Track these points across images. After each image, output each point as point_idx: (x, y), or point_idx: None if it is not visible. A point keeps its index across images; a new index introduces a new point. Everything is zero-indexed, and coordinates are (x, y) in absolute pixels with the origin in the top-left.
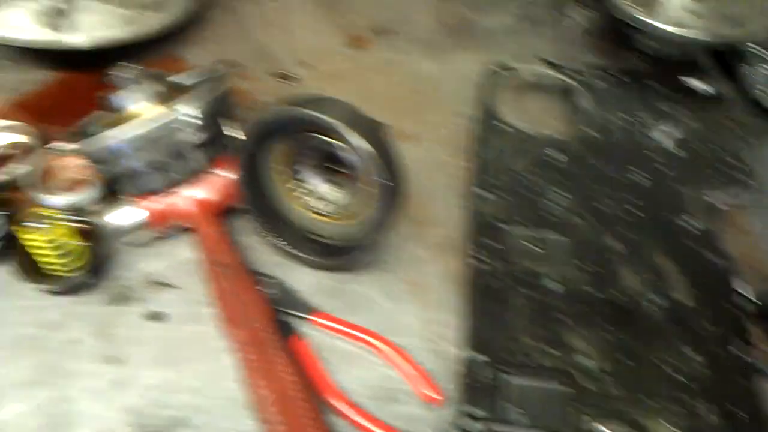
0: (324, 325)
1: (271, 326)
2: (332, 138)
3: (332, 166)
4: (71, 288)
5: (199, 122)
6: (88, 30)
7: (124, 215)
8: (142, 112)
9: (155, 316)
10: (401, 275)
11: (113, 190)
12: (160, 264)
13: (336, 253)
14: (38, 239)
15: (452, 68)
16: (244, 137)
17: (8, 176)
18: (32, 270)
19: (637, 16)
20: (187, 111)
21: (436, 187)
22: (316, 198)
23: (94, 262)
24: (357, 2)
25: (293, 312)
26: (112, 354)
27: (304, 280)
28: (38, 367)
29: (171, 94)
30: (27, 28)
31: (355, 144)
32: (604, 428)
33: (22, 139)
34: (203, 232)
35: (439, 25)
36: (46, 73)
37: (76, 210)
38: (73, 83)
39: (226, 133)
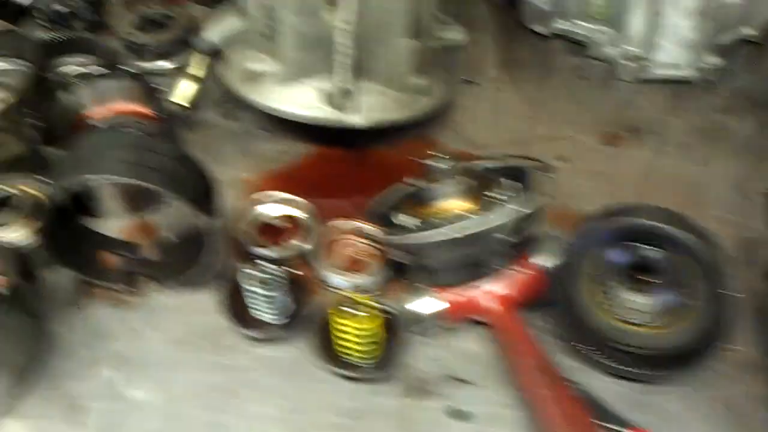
0: None
1: None
2: (655, 246)
3: (639, 274)
4: (368, 377)
5: (514, 224)
6: (368, 111)
7: (424, 305)
8: (453, 208)
9: (458, 415)
10: (707, 392)
11: (399, 275)
12: (452, 357)
13: (645, 363)
14: (350, 325)
15: (711, 173)
16: (568, 242)
17: (290, 251)
18: (328, 353)
19: None
20: (504, 215)
21: None
22: (625, 306)
23: (391, 352)
24: (608, 99)
25: (608, 424)
26: None
27: (600, 387)
28: None
29: (481, 186)
30: (313, 106)
31: (700, 253)
32: None
33: (294, 212)
34: (508, 330)
35: (692, 128)
36: (299, 145)
37: (359, 292)
38: (330, 158)
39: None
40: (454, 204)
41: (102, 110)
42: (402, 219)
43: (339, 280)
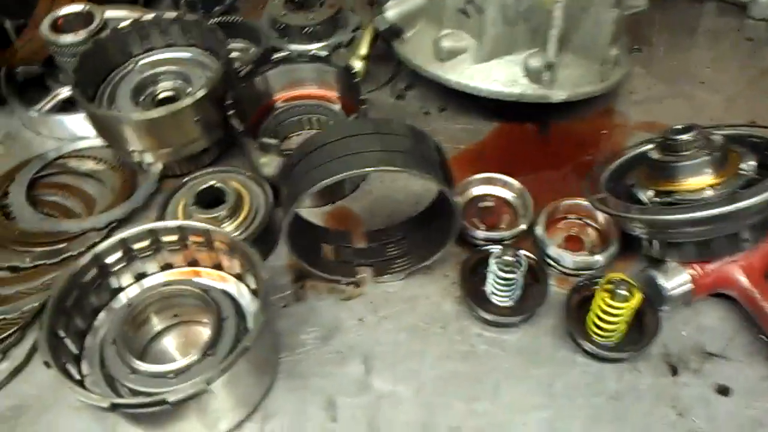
0: None
1: None
2: None
3: None
4: (626, 356)
5: None
6: (569, 85)
7: (672, 281)
8: (701, 183)
9: (722, 390)
10: None
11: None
12: (699, 332)
13: None
14: (614, 305)
15: None
16: None
17: (510, 232)
18: (580, 335)
19: None
20: (759, 191)
21: None
22: None
23: (643, 330)
24: None
25: None
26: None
27: None
28: None
29: (724, 158)
30: (515, 82)
31: None
32: None
33: (505, 192)
34: (762, 302)
35: None
36: (481, 122)
37: (587, 269)
38: (516, 133)
39: None
40: (701, 178)
41: (291, 94)
42: (646, 194)
43: (572, 258)
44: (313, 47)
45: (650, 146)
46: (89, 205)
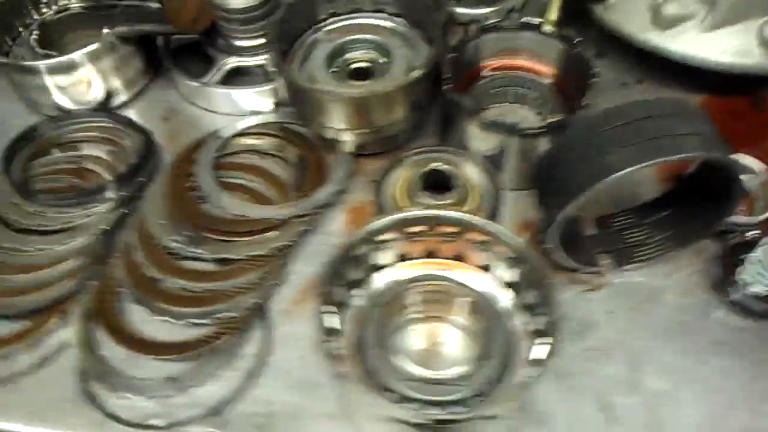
0: None
1: None
2: None
3: None
4: None
5: None
6: None
7: None
8: None
9: None
10: None
11: None
12: None
13: None
14: None
15: None
16: None
17: (752, 217)
18: None
19: None
20: None
21: None
22: None
23: None
24: None
25: None
26: None
27: None
28: None
29: None
30: (750, 52)
31: None
32: None
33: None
34: None
35: None
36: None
37: None
38: (728, 108)
39: None
40: None
41: (499, 63)
42: None
43: None
44: (482, 11)
45: None
46: (280, 186)
